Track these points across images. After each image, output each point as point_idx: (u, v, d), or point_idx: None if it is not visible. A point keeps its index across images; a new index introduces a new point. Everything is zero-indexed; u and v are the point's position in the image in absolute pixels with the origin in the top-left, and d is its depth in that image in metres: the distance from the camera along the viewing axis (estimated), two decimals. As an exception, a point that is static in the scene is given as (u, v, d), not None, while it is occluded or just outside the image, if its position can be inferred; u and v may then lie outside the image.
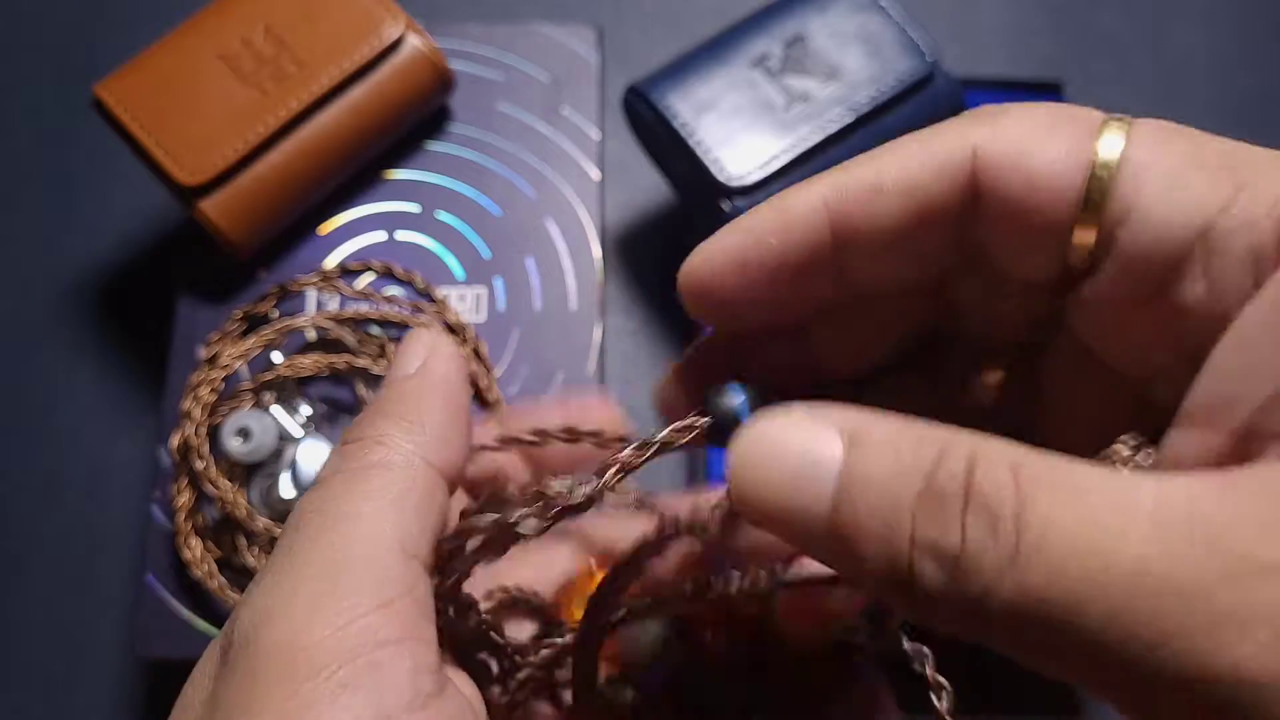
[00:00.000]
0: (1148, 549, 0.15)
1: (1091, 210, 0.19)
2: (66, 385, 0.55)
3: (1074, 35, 0.62)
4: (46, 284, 0.57)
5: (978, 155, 0.20)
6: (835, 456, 0.18)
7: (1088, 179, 0.19)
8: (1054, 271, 0.20)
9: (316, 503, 0.22)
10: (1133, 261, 0.19)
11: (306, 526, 0.22)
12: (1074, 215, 0.19)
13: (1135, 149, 0.19)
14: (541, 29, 0.55)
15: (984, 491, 0.16)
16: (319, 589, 0.21)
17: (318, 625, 0.20)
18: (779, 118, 0.49)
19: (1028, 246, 0.20)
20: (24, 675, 0.50)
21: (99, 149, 0.57)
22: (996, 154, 0.20)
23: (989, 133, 0.20)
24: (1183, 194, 0.18)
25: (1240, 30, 0.63)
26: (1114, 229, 0.19)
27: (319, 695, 0.19)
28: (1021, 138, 0.20)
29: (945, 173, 0.20)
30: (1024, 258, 0.21)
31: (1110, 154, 0.19)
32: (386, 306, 0.48)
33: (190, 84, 0.48)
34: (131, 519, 0.52)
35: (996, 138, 0.20)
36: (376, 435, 0.23)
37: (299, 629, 0.20)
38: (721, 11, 0.56)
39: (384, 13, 0.49)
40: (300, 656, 0.20)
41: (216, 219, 0.47)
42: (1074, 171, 0.19)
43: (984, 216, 0.20)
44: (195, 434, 0.44)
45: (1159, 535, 0.15)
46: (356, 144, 0.50)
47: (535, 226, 0.51)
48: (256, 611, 0.21)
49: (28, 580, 0.52)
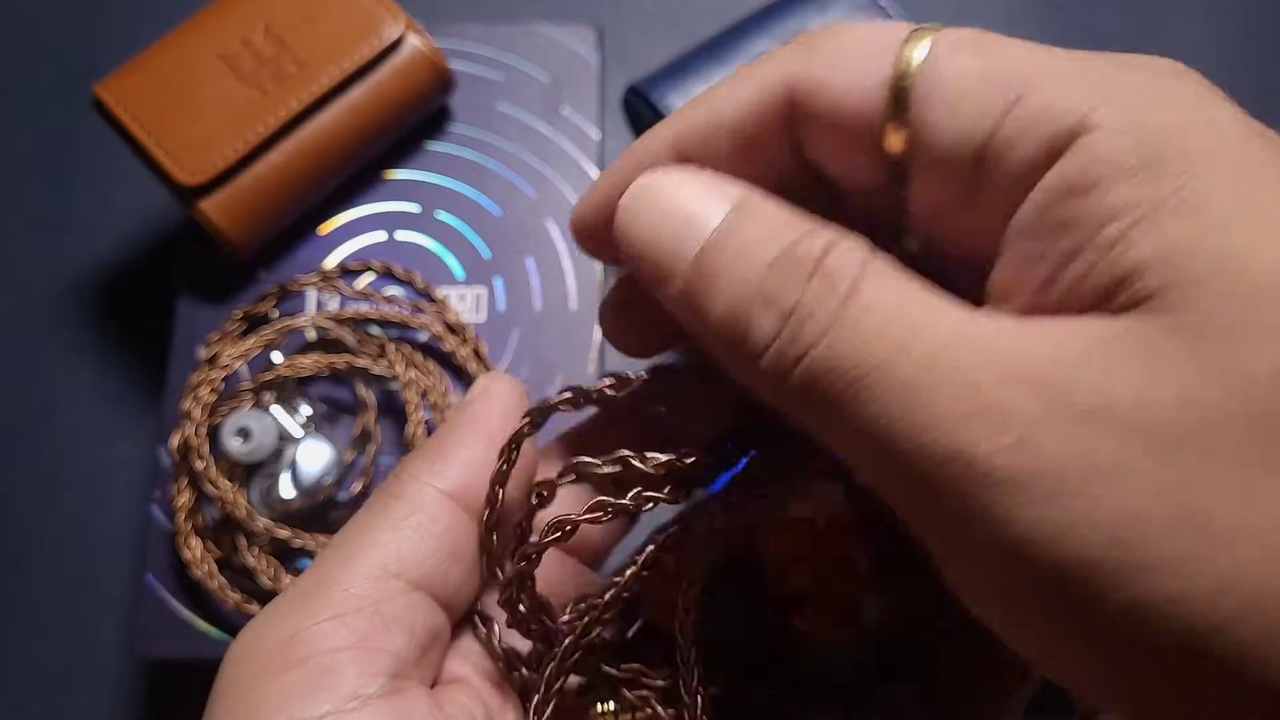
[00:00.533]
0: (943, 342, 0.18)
1: (898, 122, 0.21)
2: (66, 385, 0.55)
3: (1073, 34, 0.62)
4: (46, 284, 0.57)
5: (791, 82, 0.22)
6: (716, 215, 0.20)
7: (892, 93, 0.20)
8: (880, 180, 0.22)
9: (333, 537, 0.25)
10: (933, 166, 0.20)
11: (317, 557, 0.24)
12: (880, 128, 0.21)
13: (932, 60, 0.20)
14: (541, 29, 0.55)
15: (830, 268, 0.19)
16: (288, 607, 0.23)
17: (272, 636, 0.22)
18: (779, 118, 0.49)
19: (848, 160, 0.22)
20: (24, 675, 0.50)
21: (99, 149, 0.57)
22: (807, 80, 0.21)
23: (801, 60, 0.22)
24: (966, 104, 0.20)
25: (1239, 29, 0.63)
26: (918, 137, 0.21)
27: (268, 699, 0.21)
28: (829, 61, 0.21)
29: (766, 104, 0.22)
30: (850, 171, 0.22)
31: (911, 66, 0.20)
32: (386, 306, 0.48)
33: (190, 84, 0.48)
34: (131, 519, 0.52)
35: (808, 64, 0.21)
36: (396, 471, 0.25)
37: (254, 641, 0.22)
38: (721, 11, 0.56)
39: (384, 13, 0.50)
40: (252, 666, 0.22)
41: (216, 219, 0.47)
42: (875, 88, 0.21)
43: (805, 136, 0.22)
44: (195, 434, 0.44)
45: (957, 333, 0.18)
46: (356, 144, 0.50)
47: (535, 226, 0.51)
48: (239, 634, 0.23)
49: (28, 580, 0.52)
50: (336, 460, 0.45)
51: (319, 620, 0.22)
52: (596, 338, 0.49)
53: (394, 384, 0.48)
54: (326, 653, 0.22)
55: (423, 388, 0.47)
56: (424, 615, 0.23)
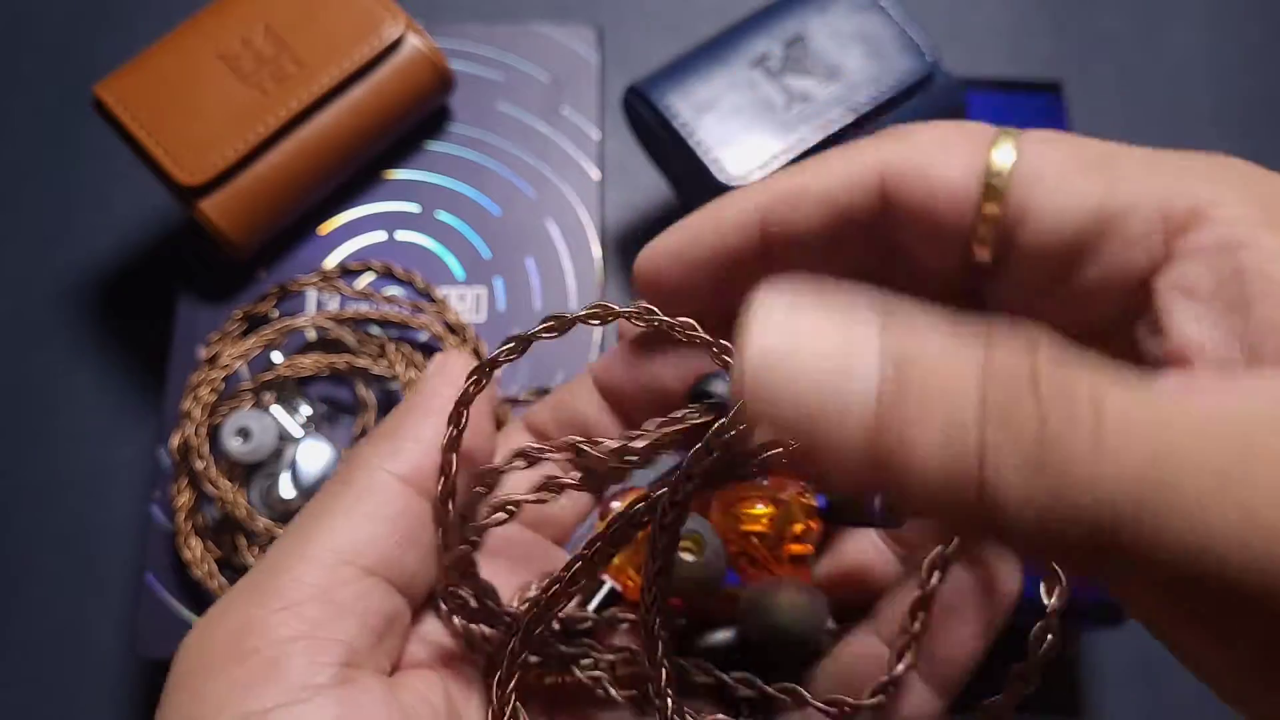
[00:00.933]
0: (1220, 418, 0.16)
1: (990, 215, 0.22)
2: (67, 385, 0.55)
3: (1074, 36, 0.62)
4: (47, 284, 0.57)
5: (885, 169, 0.22)
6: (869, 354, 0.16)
7: (983, 187, 0.21)
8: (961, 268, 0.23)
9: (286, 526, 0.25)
10: (1032, 255, 0.21)
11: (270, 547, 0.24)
12: (973, 220, 0.22)
13: (1025, 157, 0.21)
14: (541, 29, 0.55)
15: (1053, 376, 0.16)
16: (238, 598, 0.23)
17: (222, 628, 0.22)
18: (779, 118, 0.49)
19: (935, 249, 0.23)
20: (24, 675, 0.50)
21: (99, 149, 0.57)
22: (901, 168, 0.22)
23: (895, 149, 0.22)
24: (1067, 193, 0.21)
25: (1240, 31, 0.63)
26: (1013, 230, 0.21)
27: (217, 691, 0.21)
28: (923, 153, 0.22)
29: (858, 185, 0.23)
30: (936, 255, 0.23)
31: (1003, 163, 0.21)
32: (386, 306, 0.48)
33: (190, 84, 0.48)
34: (131, 519, 0.52)
35: (902, 154, 0.22)
36: (349, 456, 0.25)
37: (204, 634, 0.22)
38: (721, 12, 0.56)
39: (384, 13, 0.50)
40: (201, 659, 0.22)
41: (216, 219, 0.47)
42: (970, 181, 0.22)
43: (894, 223, 0.23)
44: (195, 434, 0.44)
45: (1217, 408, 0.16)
46: (356, 144, 0.50)
47: (535, 226, 0.51)
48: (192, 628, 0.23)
49: (28, 580, 0.52)
50: (336, 460, 0.45)
51: (270, 610, 0.22)
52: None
53: (394, 384, 0.48)
54: (276, 643, 0.21)
55: (423, 388, 0.47)
56: (379, 601, 0.23)
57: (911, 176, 0.22)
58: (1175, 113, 0.61)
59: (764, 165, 0.49)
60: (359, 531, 0.23)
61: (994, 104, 0.55)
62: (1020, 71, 0.60)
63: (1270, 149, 0.60)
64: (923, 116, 0.51)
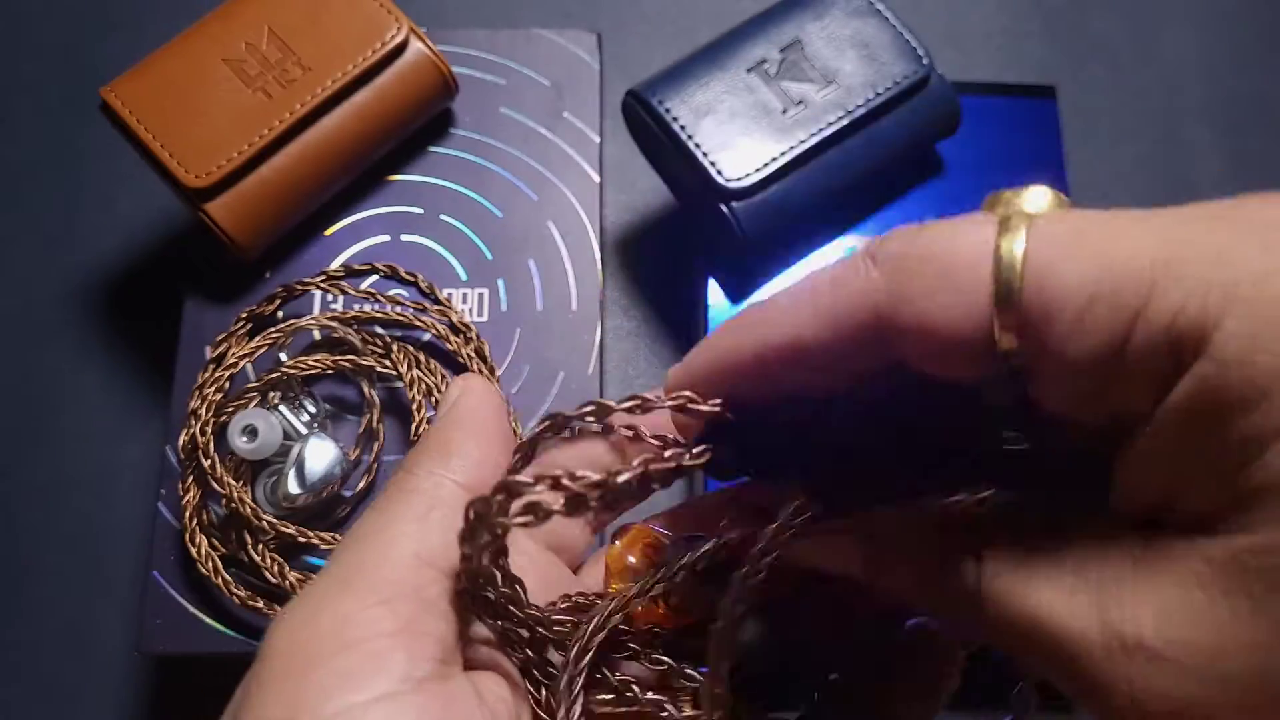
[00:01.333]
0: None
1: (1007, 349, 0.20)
2: (74, 386, 0.55)
3: (1067, 40, 0.63)
4: (54, 286, 0.57)
5: (880, 316, 0.21)
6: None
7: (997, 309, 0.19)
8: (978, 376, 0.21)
9: (351, 530, 0.25)
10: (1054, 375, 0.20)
11: (337, 549, 0.24)
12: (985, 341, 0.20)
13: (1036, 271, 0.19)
14: (543, 34, 0.56)
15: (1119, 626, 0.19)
16: (329, 593, 0.23)
17: (321, 622, 0.22)
18: (777, 121, 0.50)
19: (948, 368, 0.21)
20: (32, 670, 0.51)
21: (106, 152, 0.58)
22: (898, 316, 0.20)
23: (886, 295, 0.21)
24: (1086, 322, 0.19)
25: (1232, 34, 0.64)
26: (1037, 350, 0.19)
27: (322, 683, 0.21)
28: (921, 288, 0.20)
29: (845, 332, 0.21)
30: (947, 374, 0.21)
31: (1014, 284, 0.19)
32: (390, 307, 0.49)
33: (196, 87, 0.49)
34: (138, 517, 0.53)
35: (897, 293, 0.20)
36: (407, 466, 0.26)
37: (301, 628, 0.22)
38: (719, 17, 0.56)
39: (388, 18, 0.50)
40: (302, 652, 0.22)
41: (223, 221, 0.48)
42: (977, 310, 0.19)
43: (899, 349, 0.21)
44: (202, 433, 0.45)
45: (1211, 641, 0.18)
46: (361, 147, 0.50)
47: (537, 228, 0.52)
48: (275, 622, 0.23)
49: (36, 577, 0.52)
50: (341, 458, 0.46)
51: (365, 605, 0.22)
52: (597, 337, 0.50)
53: (398, 383, 0.48)
54: (378, 636, 0.22)
55: (426, 387, 0.47)
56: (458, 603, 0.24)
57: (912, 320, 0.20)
58: (1167, 117, 0.62)
59: (762, 168, 0.49)
60: (434, 536, 0.24)
61: (988, 108, 0.56)
62: (1014, 76, 0.61)
63: (1262, 152, 0.61)
64: (919, 120, 0.52)
